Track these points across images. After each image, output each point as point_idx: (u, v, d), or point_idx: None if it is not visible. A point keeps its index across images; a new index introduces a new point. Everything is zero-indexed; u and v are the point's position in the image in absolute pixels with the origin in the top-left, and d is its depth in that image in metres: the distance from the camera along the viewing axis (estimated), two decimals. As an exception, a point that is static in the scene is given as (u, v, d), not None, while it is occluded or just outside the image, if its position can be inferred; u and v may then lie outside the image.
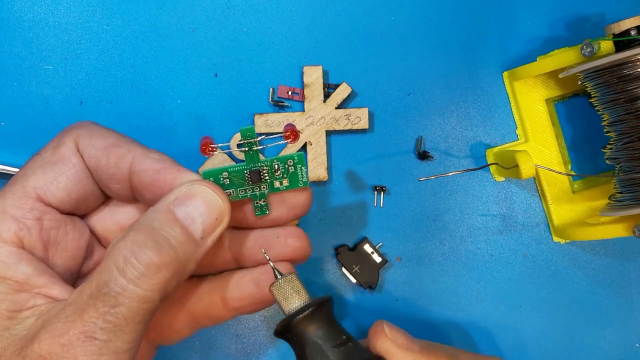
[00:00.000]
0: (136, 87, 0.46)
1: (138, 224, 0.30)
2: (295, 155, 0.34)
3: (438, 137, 0.47)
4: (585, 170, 0.48)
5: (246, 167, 0.33)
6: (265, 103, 0.46)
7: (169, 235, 0.29)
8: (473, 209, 0.47)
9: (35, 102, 0.45)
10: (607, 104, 0.41)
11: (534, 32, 0.47)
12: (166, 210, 0.30)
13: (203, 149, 0.33)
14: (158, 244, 0.29)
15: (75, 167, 0.32)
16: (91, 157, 0.33)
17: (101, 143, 0.33)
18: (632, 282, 0.47)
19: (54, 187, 0.32)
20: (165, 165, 0.32)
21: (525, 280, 0.47)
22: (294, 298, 0.32)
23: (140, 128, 0.46)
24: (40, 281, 0.30)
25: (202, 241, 0.31)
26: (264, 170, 0.33)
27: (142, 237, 0.29)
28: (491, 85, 0.47)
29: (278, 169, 0.34)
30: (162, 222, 0.30)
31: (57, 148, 0.33)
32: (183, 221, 0.30)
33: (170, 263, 0.29)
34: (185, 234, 0.30)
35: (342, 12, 0.47)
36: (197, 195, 0.31)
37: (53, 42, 0.46)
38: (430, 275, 0.47)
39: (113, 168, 0.32)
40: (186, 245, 0.30)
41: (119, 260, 0.28)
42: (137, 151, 0.33)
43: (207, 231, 0.31)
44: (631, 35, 0.39)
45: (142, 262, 0.28)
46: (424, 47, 0.47)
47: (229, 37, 0.46)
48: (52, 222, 0.32)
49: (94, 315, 0.27)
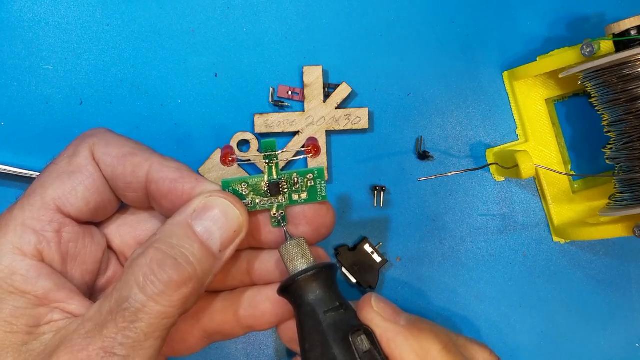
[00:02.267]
0: (136, 87, 0.46)
1: (157, 240, 0.30)
2: (316, 170, 0.34)
3: (438, 137, 0.47)
4: (585, 170, 0.48)
5: (266, 179, 0.33)
6: (265, 103, 0.46)
7: (187, 252, 0.29)
8: (473, 209, 0.47)
9: (35, 102, 0.45)
10: (607, 104, 0.41)
11: (534, 32, 0.47)
12: (185, 224, 0.30)
13: (223, 159, 0.33)
14: (177, 262, 0.29)
15: (92, 176, 0.32)
16: (107, 166, 0.32)
17: (117, 151, 0.32)
18: (632, 282, 0.47)
19: (73, 197, 0.31)
20: (183, 175, 0.32)
21: (525, 280, 0.47)
22: (299, 260, 0.33)
23: (140, 128, 0.46)
24: (59, 296, 0.30)
25: (220, 254, 0.31)
26: (283, 184, 0.33)
27: (161, 254, 0.29)
28: (491, 85, 0.47)
29: (297, 182, 0.34)
30: (180, 237, 0.30)
31: (73, 157, 0.32)
32: (201, 236, 0.30)
33: (190, 279, 0.29)
34: (203, 249, 0.30)
35: (342, 12, 0.47)
36: (215, 208, 0.31)
37: (53, 42, 0.46)
38: (430, 275, 0.47)
39: (130, 177, 0.32)
40: (205, 261, 0.30)
41: (139, 276, 0.28)
42: (154, 160, 0.32)
43: (225, 244, 0.31)
44: (631, 35, 0.39)
45: (162, 280, 0.28)
46: (424, 47, 0.47)
47: (229, 37, 0.46)
48: (71, 234, 0.32)
49: (114, 330, 0.27)
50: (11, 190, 0.45)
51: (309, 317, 0.32)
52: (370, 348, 0.31)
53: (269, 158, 0.33)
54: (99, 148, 0.33)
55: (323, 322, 0.31)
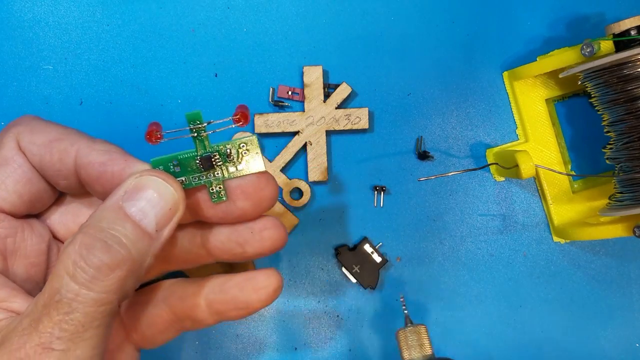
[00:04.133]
0: (136, 87, 0.46)
1: (86, 225, 0.28)
2: (246, 139, 0.31)
3: (438, 137, 0.47)
4: (585, 170, 0.48)
5: (197, 154, 0.31)
6: (265, 103, 0.46)
7: (119, 233, 0.28)
8: (473, 209, 0.47)
9: (35, 102, 0.45)
10: (607, 104, 0.41)
11: (534, 32, 0.47)
12: (115, 207, 0.29)
13: (148, 137, 0.31)
14: (107, 244, 0.27)
15: (21, 167, 0.31)
16: (34, 155, 0.31)
17: (42, 139, 0.31)
18: (632, 282, 0.47)
19: (3, 191, 0.30)
20: (112, 157, 0.31)
21: (525, 280, 0.47)
22: (416, 350, 0.33)
23: (140, 128, 0.46)
24: (1, 294, 0.29)
25: (157, 234, 0.29)
26: (215, 156, 0.31)
27: (89, 238, 0.27)
28: (491, 85, 0.47)
29: (230, 154, 0.31)
30: (110, 220, 0.28)
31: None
32: (134, 216, 0.29)
33: (123, 262, 0.27)
34: (137, 229, 0.28)
35: (342, 12, 0.47)
36: (147, 187, 0.29)
37: (53, 42, 0.46)
38: (430, 275, 0.47)
39: (57, 164, 0.31)
40: (140, 242, 0.28)
41: (68, 265, 0.27)
42: (81, 143, 0.31)
43: (161, 223, 0.29)
44: (631, 35, 0.39)
45: (92, 264, 0.27)
46: (424, 47, 0.47)
47: (229, 37, 0.46)
48: (8, 229, 0.31)
49: (49, 325, 0.26)
50: (11, 190, 0.45)
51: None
52: None
53: (196, 132, 0.31)
54: (24, 137, 0.31)
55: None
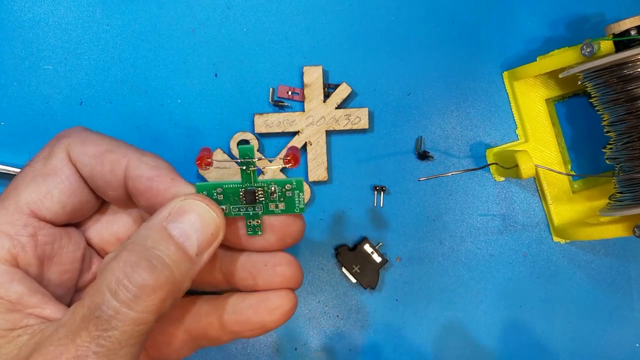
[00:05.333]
0: (136, 87, 0.46)
1: (131, 242, 0.29)
2: (294, 180, 0.32)
3: (438, 137, 0.47)
4: (585, 170, 0.48)
5: (242, 186, 0.32)
6: (265, 103, 0.46)
7: (163, 254, 0.28)
8: (473, 209, 0.47)
9: (35, 102, 0.45)
10: (607, 104, 0.41)
11: (534, 32, 0.47)
12: (159, 227, 0.29)
13: (199, 163, 0.32)
14: (152, 264, 0.27)
15: (68, 179, 0.31)
16: (85, 166, 0.32)
17: (94, 150, 0.32)
18: (632, 282, 0.47)
19: (48, 201, 0.31)
20: (159, 173, 0.31)
21: (525, 280, 0.47)
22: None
23: (140, 128, 0.46)
24: (33, 301, 0.29)
25: (197, 258, 0.30)
26: (259, 192, 0.32)
27: (134, 256, 0.28)
28: (491, 85, 0.47)
29: (274, 192, 0.32)
30: (155, 239, 0.29)
31: (49, 159, 0.31)
32: (177, 238, 0.29)
33: (165, 283, 0.28)
34: (180, 251, 0.29)
35: (342, 12, 0.47)
36: (191, 211, 0.30)
37: (53, 42, 0.46)
38: (430, 275, 0.47)
39: (108, 175, 0.32)
40: (181, 264, 0.29)
41: (111, 281, 0.27)
42: (132, 156, 0.32)
43: (202, 247, 0.30)
44: (631, 35, 0.39)
45: (136, 283, 0.27)
46: (424, 47, 0.47)
47: (229, 37, 0.46)
48: (47, 236, 0.31)
49: (87, 339, 0.26)
50: (11, 190, 0.45)
51: None
52: None
53: (245, 165, 0.32)
54: (75, 148, 0.32)
55: None
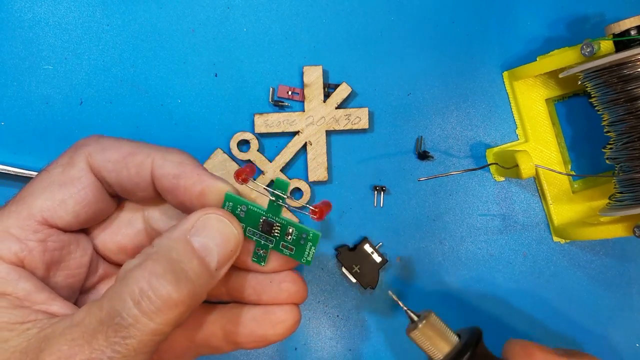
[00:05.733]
0: (136, 87, 0.46)
1: (155, 252, 0.29)
2: (312, 233, 0.32)
3: (438, 137, 0.47)
4: (585, 170, 0.48)
5: (264, 214, 0.32)
6: (265, 103, 0.46)
7: (187, 267, 0.28)
8: (473, 209, 0.47)
9: (35, 102, 0.45)
10: (607, 104, 0.41)
11: (534, 32, 0.47)
12: (183, 239, 0.29)
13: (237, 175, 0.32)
14: (177, 278, 0.28)
15: (85, 189, 0.31)
16: (110, 172, 0.32)
17: (116, 155, 0.32)
18: (632, 282, 0.47)
19: (62, 210, 0.31)
20: (184, 169, 0.31)
21: (525, 280, 0.47)
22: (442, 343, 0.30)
23: (140, 128, 0.46)
24: (41, 297, 0.29)
25: (216, 272, 0.30)
26: (277, 226, 0.32)
27: (160, 268, 0.28)
28: (491, 85, 0.47)
29: (290, 234, 0.33)
30: (180, 252, 0.29)
31: (68, 167, 0.31)
32: (200, 252, 0.29)
33: (187, 297, 0.28)
34: (202, 266, 0.29)
35: (342, 12, 0.47)
36: (214, 226, 0.30)
37: (53, 42, 0.46)
38: (430, 275, 0.47)
39: (135, 178, 0.32)
40: (202, 278, 0.29)
41: (134, 290, 0.27)
42: (155, 155, 0.32)
43: (221, 262, 0.30)
44: (631, 35, 0.39)
45: (160, 296, 0.27)
46: (424, 47, 0.47)
47: (229, 37, 0.46)
48: (56, 243, 0.31)
49: (103, 343, 0.27)
50: (11, 190, 0.45)
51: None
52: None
53: (276, 197, 0.32)
54: (97, 156, 0.32)
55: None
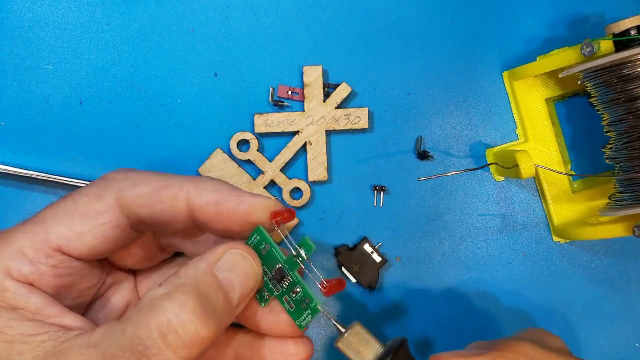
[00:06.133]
0: (136, 87, 0.46)
1: (183, 283, 0.28)
2: (314, 303, 0.32)
3: (438, 137, 0.47)
4: (585, 170, 0.48)
5: (282, 263, 0.32)
6: (265, 103, 0.46)
7: (214, 302, 0.28)
8: (473, 209, 0.47)
9: (35, 102, 0.45)
10: (607, 104, 0.41)
11: (534, 32, 0.47)
12: (210, 272, 0.29)
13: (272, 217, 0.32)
14: (206, 314, 0.27)
15: (105, 225, 0.31)
16: (142, 207, 0.31)
17: (148, 190, 0.31)
18: (632, 282, 0.47)
19: (79, 242, 0.30)
20: (222, 194, 0.31)
21: (525, 280, 0.47)
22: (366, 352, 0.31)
23: (140, 128, 0.46)
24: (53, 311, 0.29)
25: (236, 308, 0.30)
26: (287, 280, 0.32)
27: (191, 303, 0.27)
28: (491, 85, 0.47)
29: (296, 293, 0.32)
30: (207, 286, 0.29)
31: (95, 199, 0.31)
32: (225, 287, 0.30)
33: (214, 334, 0.28)
34: (226, 302, 0.29)
35: (342, 12, 0.47)
36: (239, 262, 0.30)
37: (53, 42, 0.46)
38: (430, 275, 0.47)
39: (170, 211, 0.31)
40: (226, 315, 0.29)
41: (162, 322, 0.27)
42: (189, 187, 0.31)
43: (242, 299, 0.30)
44: (631, 35, 0.39)
45: (189, 333, 0.27)
46: (424, 47, 0.47)
47: (229, 37, 0.46)
48: (69, 269, 0.31)
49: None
50: (11, 190, 0.45)
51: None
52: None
53: (297, 254, 0.32)
54: (128, 192, 0.31)
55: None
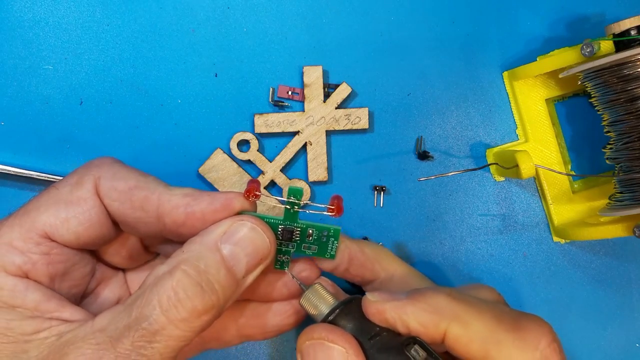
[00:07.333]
0: (136, 87, 0.46)
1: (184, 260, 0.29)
2: (332, 229, 0.34)
3: (438, 137, 0.47)
4: (585, 170, 0.48)
5: (282, 223, 0.33)
6: (265, 103, 0.46)
7: (214, 279, 0.29)
8: (473, 209, 0.47)
9: (35, 102, 0.45)
10: (607, 104, 0.41)
11: (534, 32, 0.47)
12: (214, 247, 0.30)
13: (247, 194, 0.32)
14: (203, 290, 0.29)
15: (89, 211, 0.31)
16: (113, 201, 0.32)
17: (123, 185, 0.32)
18: (632, 282, 0.47)
19: (64, 229, 0.31)
20: (193, 197, 0.32)
21: (525, 280, 0.47)
22: (321, 305, 0.33)
23: (140, 128, 0.46)
24: (51, 306, 0.30)
25: (243, 280, 0.31)
26: (296, 231, 0.33)
27: (188, 280, 0.29)
28: (491, 85, 0.47)
29: (311, 235, 0.34)
30: (208, 262, 0.29)
31: (76, 186, 0.32)
32: (228, 261, 0.30)
33: (212, 308, 0.29)
34: (229, 276, 0.30)
35: (342, 12, 0.47)
36: (247, 234, 0.31)
37: (53, 42, 0.46)
38: (431, 276, 0.47)
39: (139, 211, 0.32)
40: (229, 289, 0.30)
41: (162, 298, 0.28)
42: (161, 190, 0.32)
43: (249, 270, 0.31)
44: (631, 35, 0.39)
45: (187, 307, 0.28)
46: (424, 47, 0.47)
47: (229, 37, 0.46)
48: (60, 256, 0.31)
49: (129, 347, 0.27)
50: (11, 190, 0.45)
51: None
52: (426, 355, 0.31)
53: (291, 205, 0.32)
54: (105, 182, 0.32)
55: (371, 349, 0.31)
